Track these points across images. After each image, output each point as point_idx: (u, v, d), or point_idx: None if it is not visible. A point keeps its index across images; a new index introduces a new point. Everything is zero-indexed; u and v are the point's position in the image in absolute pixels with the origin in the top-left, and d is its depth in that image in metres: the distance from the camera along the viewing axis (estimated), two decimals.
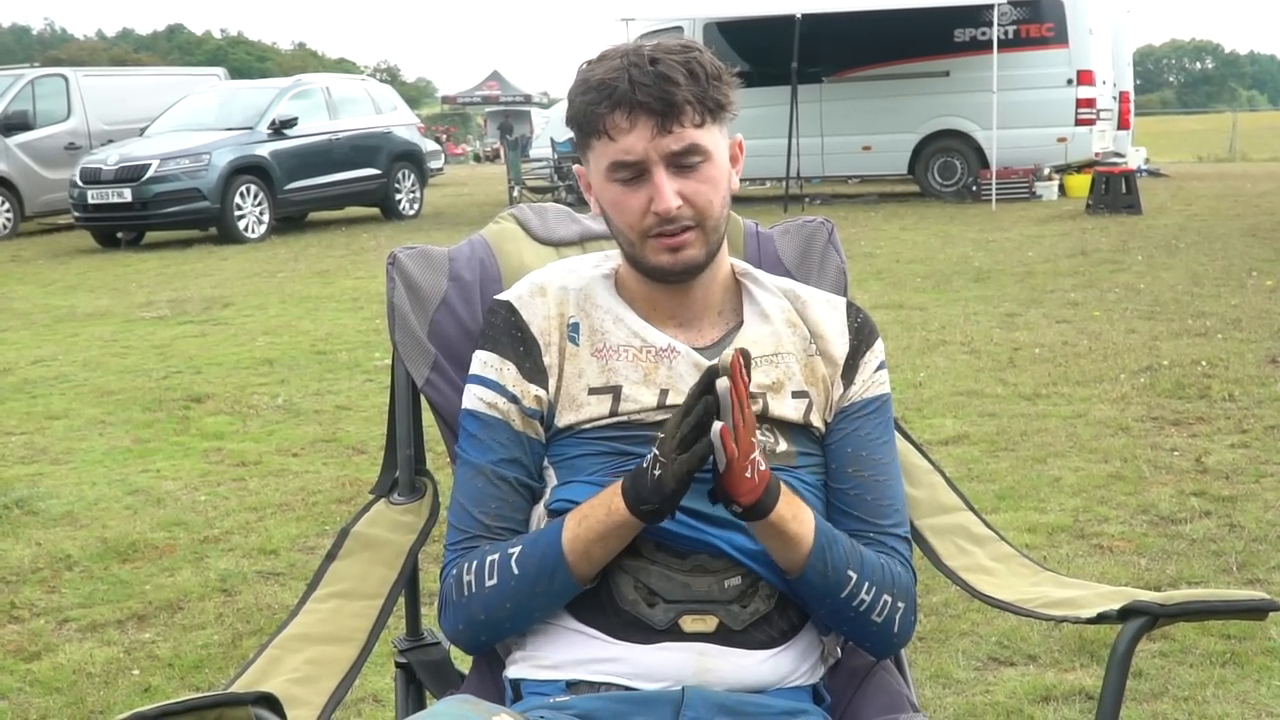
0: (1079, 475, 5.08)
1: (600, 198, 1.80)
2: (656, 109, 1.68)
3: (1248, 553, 4.17)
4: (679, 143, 1.70)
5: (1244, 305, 8.67)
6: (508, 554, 1.73)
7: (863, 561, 1.76)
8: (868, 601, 1.76)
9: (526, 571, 1.71)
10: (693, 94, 1.69)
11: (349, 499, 5.12)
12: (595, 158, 1.76)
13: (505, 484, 1.80)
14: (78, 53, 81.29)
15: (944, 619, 3.73)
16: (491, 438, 1.81)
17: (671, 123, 1.69)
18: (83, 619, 4.08)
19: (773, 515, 1.65)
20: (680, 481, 1.60)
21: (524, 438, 1.81)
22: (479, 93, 56.32)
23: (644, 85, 1.67)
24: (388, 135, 19.14)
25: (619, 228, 1.78)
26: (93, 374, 8.08)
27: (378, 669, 3.48)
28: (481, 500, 1.80)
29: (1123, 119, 20.07)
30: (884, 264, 11.60)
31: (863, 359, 1.89)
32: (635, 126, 1.69)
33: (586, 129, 1.74)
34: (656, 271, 1.78)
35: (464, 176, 32.08)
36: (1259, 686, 3.27)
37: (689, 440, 1.58)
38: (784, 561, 1.71)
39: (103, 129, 19.31)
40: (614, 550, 1.69)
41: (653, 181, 1.71)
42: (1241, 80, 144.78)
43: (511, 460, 1.80)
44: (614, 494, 1.67)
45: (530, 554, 1.71)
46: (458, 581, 1.77)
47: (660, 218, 1.71)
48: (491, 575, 1.73)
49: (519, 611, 1.74)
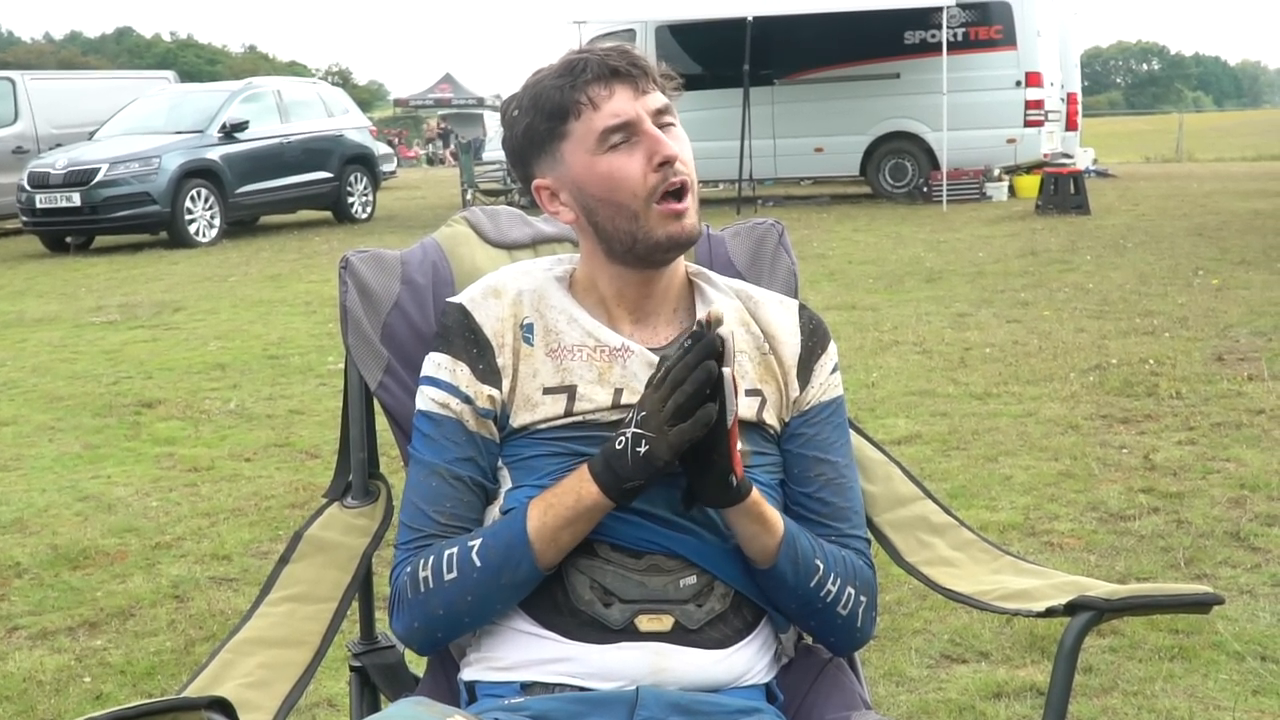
0: (1029, 473, 5.13)
1: (588, 180, 1.76)
2: (632, 74, 1.74)
3: (1195, 548, 4.23)
4: (657, 101, 1.76)
5: (1190, 304, 8.77)
6: (468, 546, 1.72)
7: (826, 553, 1.79)
8: (834, 592, 1.79)
9: (490, 562, 1.70)
10: (650, 65, 1.77)
11: (302, 504, 5.10)
12: (575, 140, 1.75)
13: (460, 483, 1.79)
14: (25, 55, 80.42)
15: (897, 617, 3.76)
16: (445, 437, 1.80)
17: (645, 85, 1.75)
18: (33, 626, 4.04)
19: (753, 493, 1.68)
20: (674, 453, 1.60)
21: (478, 438, 1.80)
22: (431, 95, 56.18)
23: (611, 55, 1.74)
24: (339, 138, 19.07)
25: (620, 202, 1.75)
26: (42, 379, 8.00)
27: (332, 673, 3.47)
28: (436, 499, 1.79)
29: (1070, 120, 20.28)
30: (836, 265, 11.65)
31: (818, 362, 1.90)
32: (615, 91, 1.73)
33: (562, 113, 1.74)
34: (662, 244, 1.76)
35: (417, 180, 31.96)
36: (1207, 680, 3.31)
37: (686, 409, 1.58)
38: (759, 549, 1.72)
39: (51, 133, 19.09)
40: (581, 535, 1.70)
41: (648, 135, 1.73)
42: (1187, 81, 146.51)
43: (466, 459, 1.80)
44: (581, 479, 1.67)
45: (493, 545, 1.71)
46: (413, 579, 1.75)
47: (665, 168, 1.73)
48: (451, 569, 1.72)
49: (480, 605, 1.72)
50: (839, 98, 18.21)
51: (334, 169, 18.73)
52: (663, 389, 1.60)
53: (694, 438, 1.59)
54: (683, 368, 1.58)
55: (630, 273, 1.82)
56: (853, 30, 17.71)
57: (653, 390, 1.62)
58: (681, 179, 1.75)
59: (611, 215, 1.77)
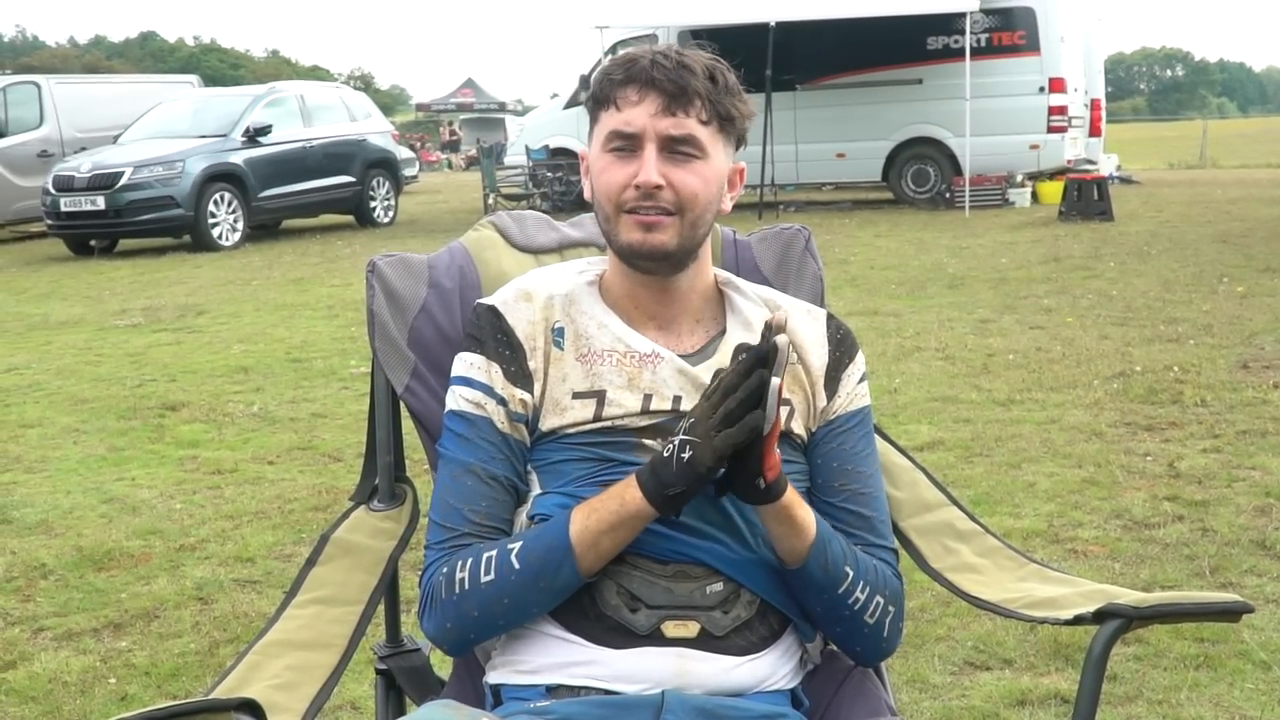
0: (1053, 480, 5.11)
1: (592, 168, 1.82)
2: (668, 90, 1.73)
3: (1220, 557, 4.21)
4: (679, 129, 1.74)
5: (1215, 311, 8.73)
6: (507, 549, 1.72)
7: (858, 560, 1.79)
8: (862, 600, 1.78)
9: (529, 565, 1.69)
10: (706, 91, 1.75)
11: (325, 506, 5.11)
12: (599, 129, 1.80)
13: (495, 483, 1.79)
14: (50, 60, 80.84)
15: (920, 624, 3.75)
16: (479, 437, 1.80)
17: (678, 108, 1.74)
18: (58, 628, 4.06)
19: (785, 496, 1.68)
20: (719, 460, 1.60)
21: (510, 439, 1.81)
22: (453, 100, 56.35)
23: (662, 67, 1.74)
24: (362, 143, 19.12)
25: (599, 200, 1.81)
26: (66, 382, 8.05)
27: (355, 676, 3.47)
28: (470, 498, 1.78)
29: (1094, 126, 20.20)
30: (858, 270, 11.64)
31: (845, 371, 1.90)
32: (643, 101, 1.74)
33: (599, 100, 1.78)
34: (626, 250, 1.79)
35: (438, 184, 32.02)
36: (1232, 689, 3.29)
37: (735, 415, 1.58)
38: (789, 550, 1.73)
39: (76, 136, 19.23)
40: (623, 543, 1.69)
41: (642, 156, 1.74)
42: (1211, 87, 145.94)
43: (500, 459, 1.80)
44: (627, 486, 1.67)
45: (533, 549, 1.70)
46: (448, 580, 1.74)
47: (640, 192, 1.74)
48: (489, 571, 1.71)
49: (516, 608, 1.72)
50: (861, 103, 18.18)
51: (356, 173, 18.78)
52: (714, 396, 1.60)
53: (739, 443, 1.59)
54: (735, 375, 1.59)
55: (636, 275, 1.83)
56: (875, 36, 17.67)
57: (705, 399, 1.62)
58: (654, 210, 1.75)
59: (596, 208, 1.84)
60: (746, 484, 1.66)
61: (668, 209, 1.75)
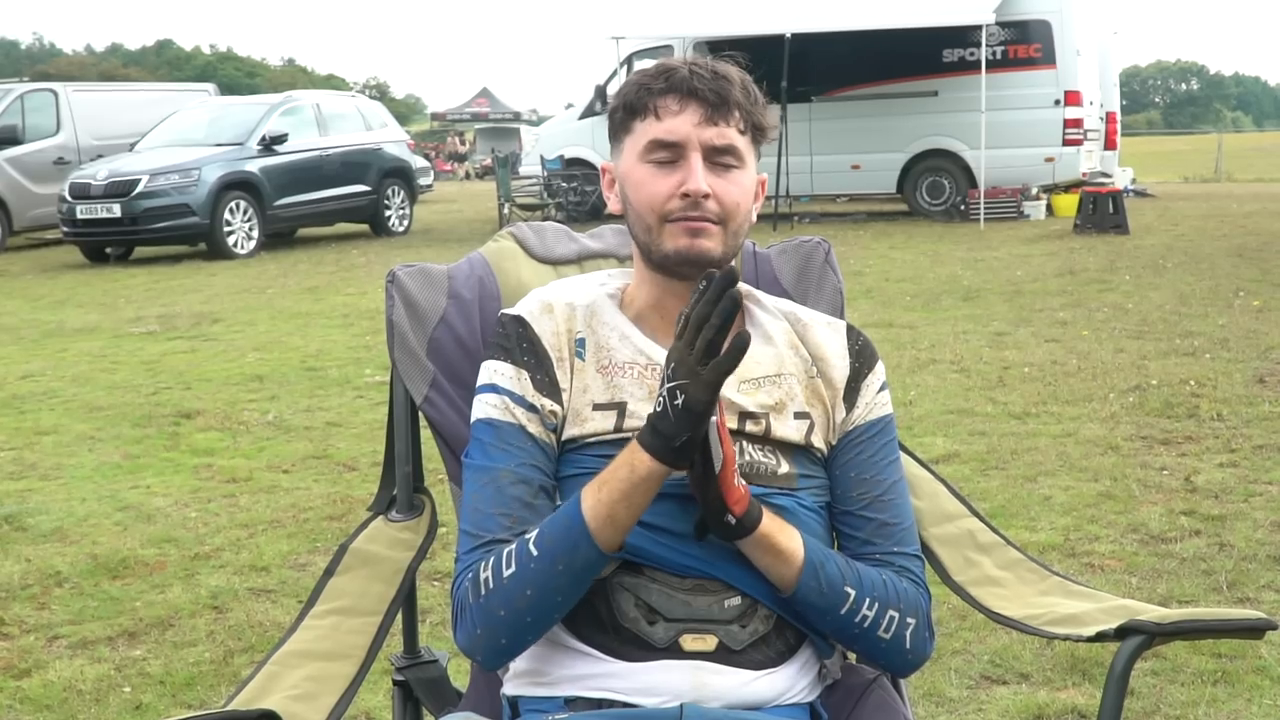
0: (1069, 494, 5.10)
1: (627, 181, 1.81)
2: (710, 100, 1.74)
3: (1237, 571, 4.19)
4: (722, 139, 1.75)
5: (1231, 325, 8.71)
6: (525, 539, 1.67)
7: (860, 578, 1.76)
8: (870, 617, 1.76)
9: (546, 549, 1.65)
10: (742, 100, 1.76)
11: (340, 516, 5.12)
12: (633, 139, 1.79)
13: (527, 485, 1.75)
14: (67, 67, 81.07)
15: (937, 637, 3.73)
16: (509, 443, 1.77)
17: (719, 118, 1.74)
18: (73, 636, 4.07)
19: (761, 528, 1.67)
20: (713, 391, 1.55)
21: (541, 442, 1.78)
22: (468, 109, 56.50)
23: (702, 77, 1.74)
24: (377, 152, 19.16)
25: (639, 211, 1.79)
26: (82, 389, 8.07)
27: (370, 686, 3.47)
28: (501, 502, 1.74)
29: (1109, 139, 20.18)
30: (873, 282, 11.63)
31: (864, 381, 1.90)
32: (685, 110, 1.74)
33: (633, 109, 1.78)
34: (671, 258, 1.77)
35: (453, 193, 32.09)
36: (1250, 705, 3.28)
37: (716, 344, 1.53)
38: (778, 578, 1.71)
39: (92, 144, 19.29)
40: (638, 509, 1.64)
41: (688, 165, 1.74)
42: (1226, 101, 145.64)
43: (533, 465, 1.76)
44: (633, 451, 1.62)
45: (549, 532, 1.66)
46: (474, 583, 1.69)
47: (688, 201, 1.74)
48: (510, 564, 1.66)
49: (540, 600, 1.66)
50: (876, 115, 18.20)
51: (372, 182, 18.82)
52: (688, 333, 1.55)
53: (730, 369, 1.54)
54: (705, 305, 1.54)
55: (666, 282, 1.82)
56: (891, 48, 17.69)
57: (678, 339, 1.57)
58: (706, 216, 1.75)
59: (634, 220, 1.81)
60: (716, 522, 1.65)
61: (712, 219, 1.76)
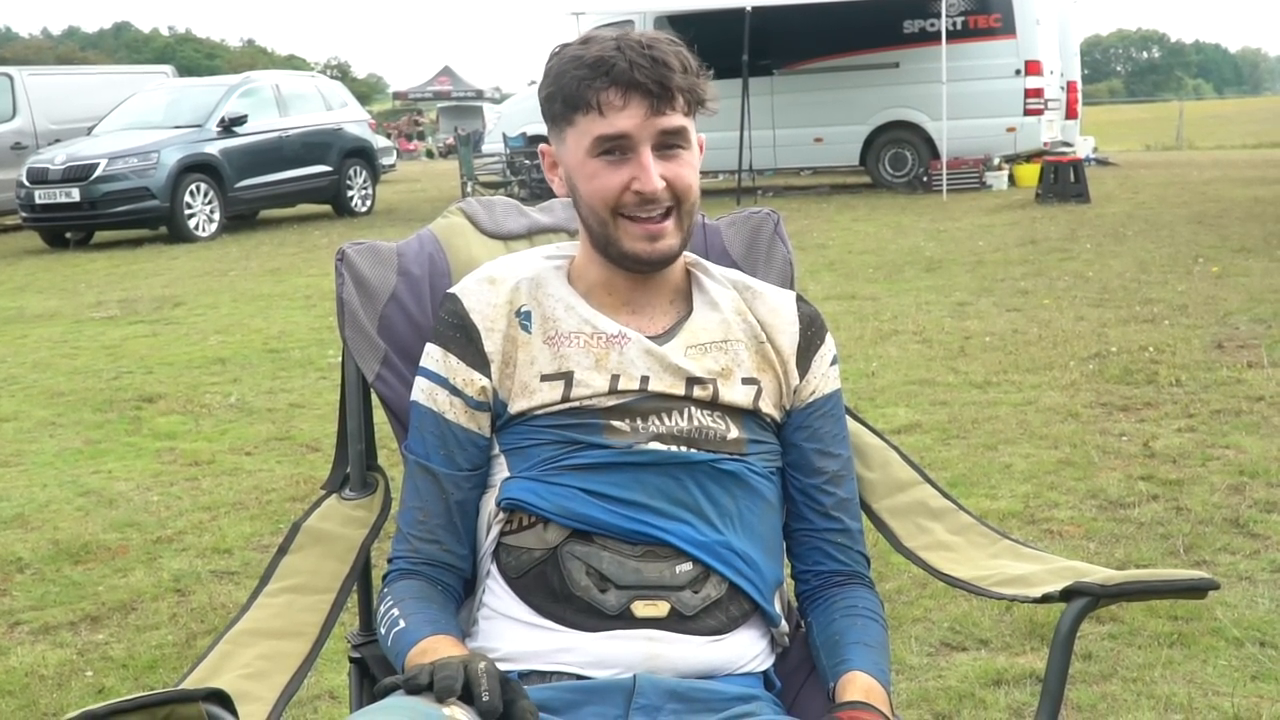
0: (1029, 462, 5.13)
1: (575, 174, 1.80)
2: (653, 90, 1.71)
3: (1195, 535, 4.23)
4: (669, 124, 1.74)
5: (1190, 291, 8.77)
6: (395, 617, 1.77)
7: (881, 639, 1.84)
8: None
9: (387, 649, 1.78)
10: (684, 83, 1.74)
11: (303, 497, 5.10)
12: (577, 134, 1.77)
13: (430, 477, 1.85)
14: (23, 51, 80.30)
15: (897, 605, 3.76)
16: (425, 430, 1.86)
17: (664, 105, 1.72)
18: (35, 621, 4.05)
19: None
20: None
21: (458, 431, 1.84)
22: (431, 88, 56.11)
23: (641, 67, 1.71)
24: (338, 132, 19.05)
25: (591, 205, 1.78)
26: (42, 375, 8.01)
27: (334, 666, 3.48)
28: (419, 497, 1.86)
29: (1070, 108, 20.22)
30: (836, 255, 11.65)
31: (816, 354, 1.91)
32: (629, 105, 1.72)
33: (574, 103, 1.75)
34: (630, 258, 1.79)
35: (416, 173, 31.94)
36: (1205, 666, 3.32)
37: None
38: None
39: (49, 128, 19.08)
40: None
41: (639, 160, 1.73)
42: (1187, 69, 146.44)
43: (443, 455, 1.84)
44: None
45: (389, 640, 1.77)
46: (382, 601, 1.83)
47: (641, 197, 1.74)
48: (382, 626, 1.79)
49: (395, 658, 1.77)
50: (838, 88, 18.20)
51: (333, 162, 18.72)
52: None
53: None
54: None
55: (616, 268, 1.83)
56: (852, 20, 17.68)
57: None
58: (656, 214, 1.76)
59: (587, 212, 1.81)
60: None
61: (667, 206, 1.76)
